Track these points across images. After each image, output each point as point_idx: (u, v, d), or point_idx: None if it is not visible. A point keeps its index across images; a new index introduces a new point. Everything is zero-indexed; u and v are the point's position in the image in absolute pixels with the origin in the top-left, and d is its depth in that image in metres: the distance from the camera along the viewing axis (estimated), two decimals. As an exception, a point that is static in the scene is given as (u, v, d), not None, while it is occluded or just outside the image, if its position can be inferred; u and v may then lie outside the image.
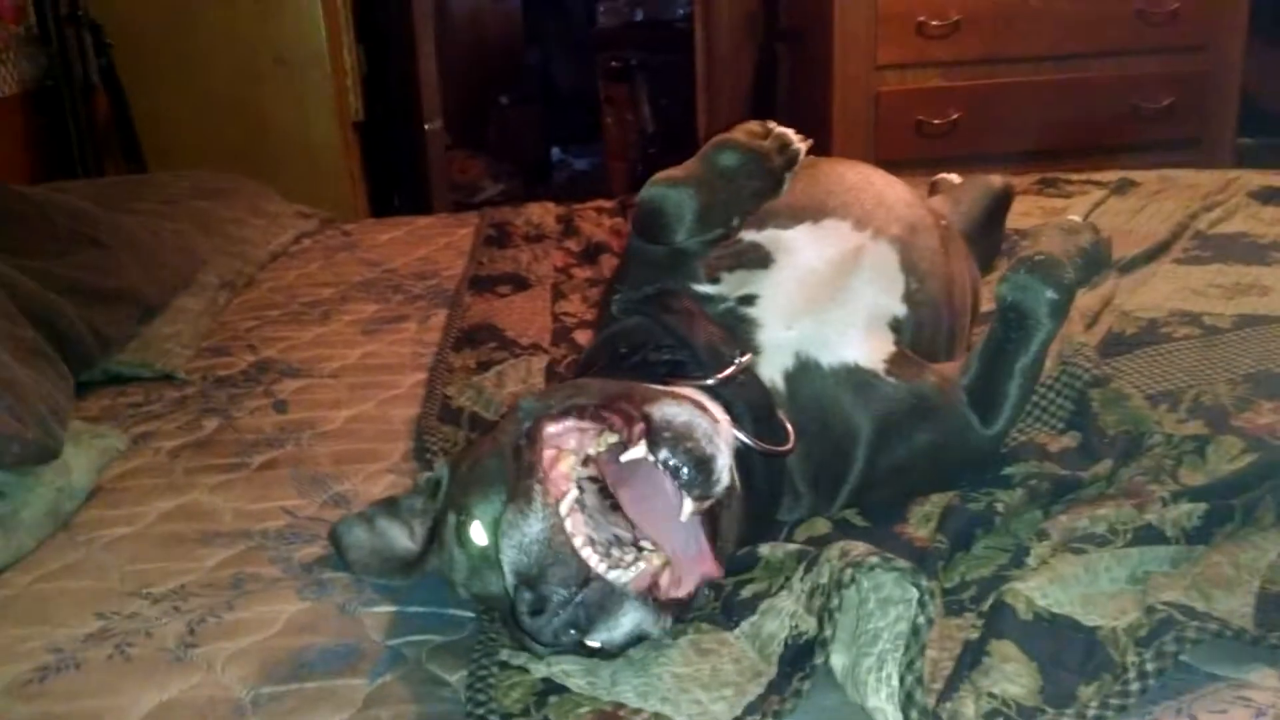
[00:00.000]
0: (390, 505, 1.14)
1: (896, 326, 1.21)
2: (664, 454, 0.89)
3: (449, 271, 2.19)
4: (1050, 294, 1.17)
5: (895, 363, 1.17)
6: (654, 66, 5.13)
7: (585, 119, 5.74)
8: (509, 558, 0.87)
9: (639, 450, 0.89)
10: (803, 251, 1.24)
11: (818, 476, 1.14)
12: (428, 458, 1.34)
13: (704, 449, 0.89)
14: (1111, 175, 2.39)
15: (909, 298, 1.23)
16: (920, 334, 1.24)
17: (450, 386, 1.56)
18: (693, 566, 0.91)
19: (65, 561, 1.18)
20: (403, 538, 1.12)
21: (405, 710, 0.91)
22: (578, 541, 0.86)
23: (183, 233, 2.14)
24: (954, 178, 1.98)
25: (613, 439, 0.91)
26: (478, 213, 2.63)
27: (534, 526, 0.87)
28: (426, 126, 3.52)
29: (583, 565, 0.86)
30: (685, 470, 0.88)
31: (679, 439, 0.89)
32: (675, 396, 0.95)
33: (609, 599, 0.86)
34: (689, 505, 0.89)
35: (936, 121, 3.34)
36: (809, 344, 1.15)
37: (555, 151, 6.22)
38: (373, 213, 3.31)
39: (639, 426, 0.90)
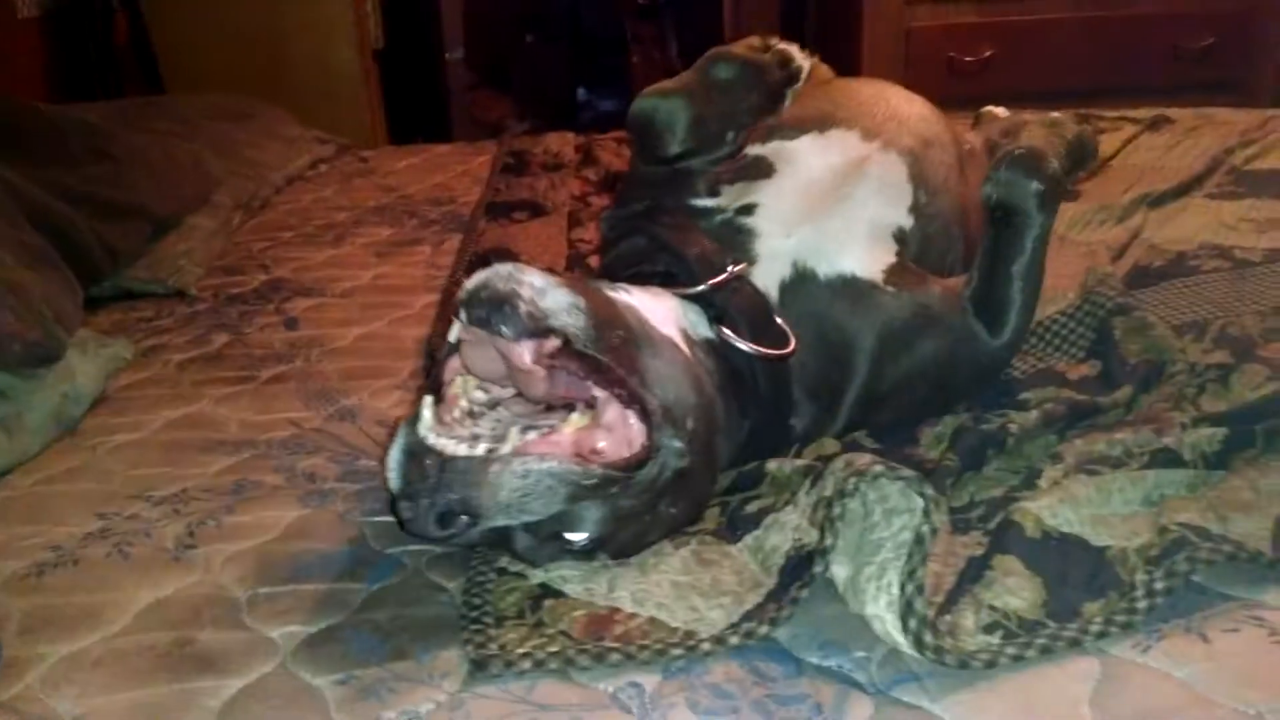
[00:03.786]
0: None
1: (901, 238, 1.18)
2: (465, 315, 0.87)
3: (465, 198, 2.16)
4: (1036, 185, 1.12)
5: (895, 273, 1.14)
6: (682, 3, 5.03)
7: (612, 60, 5.64)
8: (390, 478, 0.86)
9: (456, 327, 0.89)
10: (806, 161, 1.21)
11: (817, 387, 1.11)
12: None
13: (498, 288, 0.86)
14: (1146, 112, 2.32)
15: (916, 210, 1.20)
16: (928, 248, 1.21)
17: (461, 308, 1.54)
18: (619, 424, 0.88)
19: (69, 465, 1.18)
20: None
21: (402, 613, 0.90)
22: (430, 436, 0.84)
23: (197, 153, 2.12)
24: (1000, 111, 1.92)
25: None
26: (496, 141, 2.60)
27: (402, 439, 0.85)
28: (447, 56, 3.47)
29: (434, 451, 0.83)
30: (489, 316, 0.85)
31: (474, 294, 0.86)
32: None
33: (477, 469, 0.82)
34: (519, 348, 0.85)
35: (969, 59, 3.25)
36: (806, 253, 1.12)
37: (581, 92, 6.13)
38: (393, 143, 3.27)
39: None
